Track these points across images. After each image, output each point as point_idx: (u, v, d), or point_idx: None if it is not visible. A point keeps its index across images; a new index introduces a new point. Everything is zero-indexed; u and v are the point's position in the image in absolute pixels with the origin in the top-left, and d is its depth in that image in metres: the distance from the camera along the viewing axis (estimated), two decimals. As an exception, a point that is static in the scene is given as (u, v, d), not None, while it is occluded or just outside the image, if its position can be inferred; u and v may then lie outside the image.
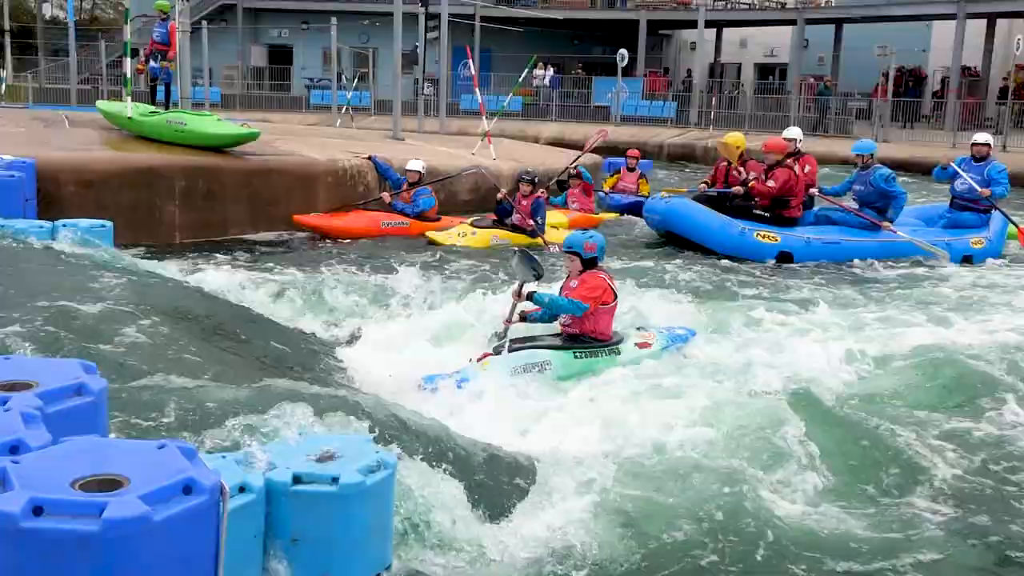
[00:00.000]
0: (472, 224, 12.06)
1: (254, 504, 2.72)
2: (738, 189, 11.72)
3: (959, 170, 12.02)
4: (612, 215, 14.42)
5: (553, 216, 12.76)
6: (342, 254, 10.70)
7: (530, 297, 6.36)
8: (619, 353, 6.53)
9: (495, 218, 12.09)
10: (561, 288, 6.67)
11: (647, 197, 14.60)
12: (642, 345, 6.65)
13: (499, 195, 12.11)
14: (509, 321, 6.44)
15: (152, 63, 14.47)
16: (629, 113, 32.55)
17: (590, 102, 34.36)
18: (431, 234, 11.85)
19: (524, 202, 11.83)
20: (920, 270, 11.04)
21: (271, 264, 9.82)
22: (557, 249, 11.21)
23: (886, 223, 11.39)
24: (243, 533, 2.65)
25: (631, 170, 15.53)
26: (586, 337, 6.49)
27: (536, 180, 12.14)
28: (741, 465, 4.83)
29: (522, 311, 6.58)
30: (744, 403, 5.71)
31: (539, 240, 11.41)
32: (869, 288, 10.05)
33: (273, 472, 2.83)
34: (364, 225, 11.98)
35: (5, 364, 2.88)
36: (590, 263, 6.55)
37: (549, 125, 31.66)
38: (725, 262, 10.96)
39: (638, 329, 6.97)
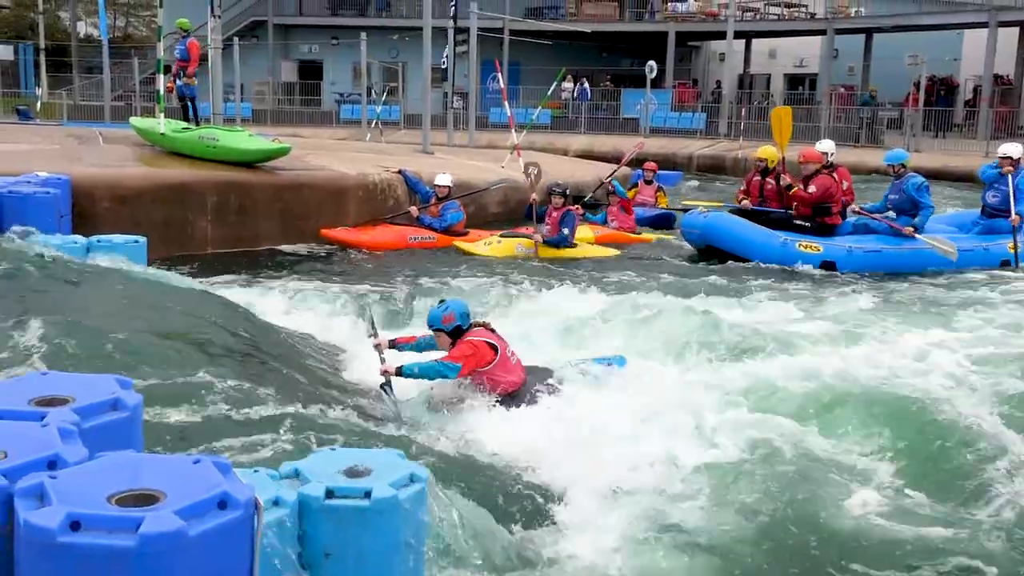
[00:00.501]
0: (501, 235, 12.08)
1: (287, 519, 2.74)
2: (795, 213, 11.74)
3: (1011, 184, 11.89)
4: (657, 236, 13.73)
5: (582, 231, 12.59)
6: (372, 267, 10.76)
7: (399, 372, 5.89)
8: None
9: (529, 230, 12.00)
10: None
11: (666, 209, 14.47)
12: None
13: (531, 198, 12.17)
14: (386, 371, 5.96)
15: (178, 81, 14.67)
16: (658, 125, 32.50)
17: (619, 114, 34.37)
18: (459, 243, 11.98)
19: (555, 214, 11.83)
20: (977, 276, 11.04)
21: (302, 279, 9.88)
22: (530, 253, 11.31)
23: (908, 229, 11.39)
24: (276, 547, 2.66)
25: (648, 183, 15.25)
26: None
27: (568, 192, 12.08)
28: (791, 471, 4.80)
29: (391, 341, 6.31)
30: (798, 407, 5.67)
31: (532, 244, 11.59)
32: (934, 295, 10.05)
33: (306, 487, 2.85)
34: (391, 239, 12.04)
35: (42, 380, 2.91)
36: (456, 332, 6.05)
37: (578, 137, 31.66)
38: (772, 272, 11.00)
39: (571, 364, 6.48)
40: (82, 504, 2.10)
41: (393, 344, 6.26)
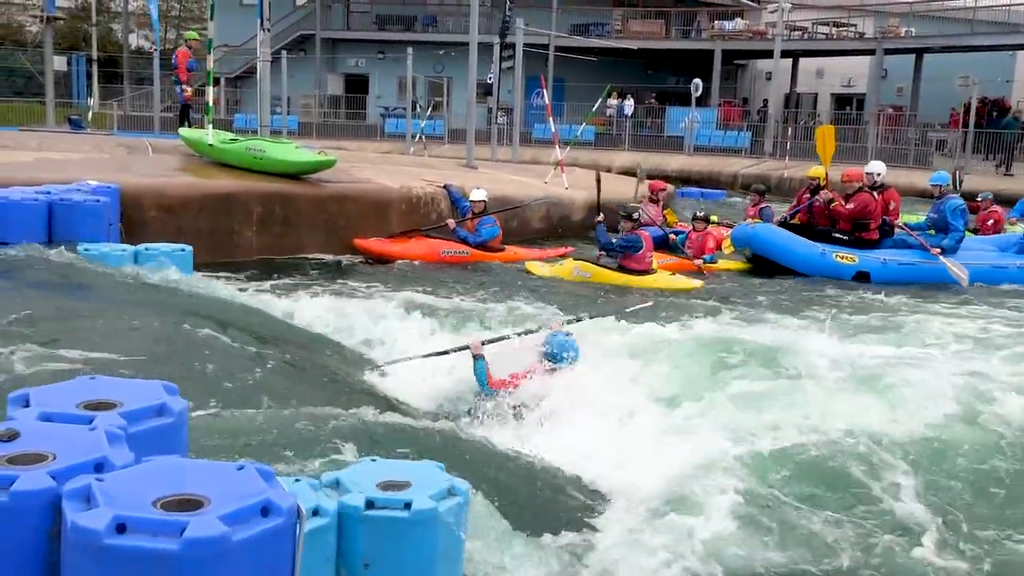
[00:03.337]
0: (574, 259, 11.79)
1: (327, 528, 2.75)
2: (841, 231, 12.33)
3: None
4: (733, 266, 12.99)
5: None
6: (415, 280, 10.78)
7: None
8: None
9: (602, 252, 11.54)
10: None
11: (673, 228, 13.79)
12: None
13: (597, 219, 11.73)
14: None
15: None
16: (703, 143, 32.40)
17: (663, 132, 34.30)
18: (530, 264, 11.83)
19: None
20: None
21: (345, 290, 9.93)
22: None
23: (935, 250, 11.96)
24: (316, 556, 2.67)
25: (654, 201, 14.32)
26: None
27: (636, 216, 11.45)
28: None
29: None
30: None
31: (588, 267, 11.24)
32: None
33: (346, 496, 2.86)
34: (423, 252, 12.01)
35: (90, 384, 2.95)
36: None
37: (622, 154, 31.64)
38: (807, 281, 11.66)
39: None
40: (128, 507, 2.13)
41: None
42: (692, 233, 13.02)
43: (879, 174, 12.58)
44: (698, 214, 13.40)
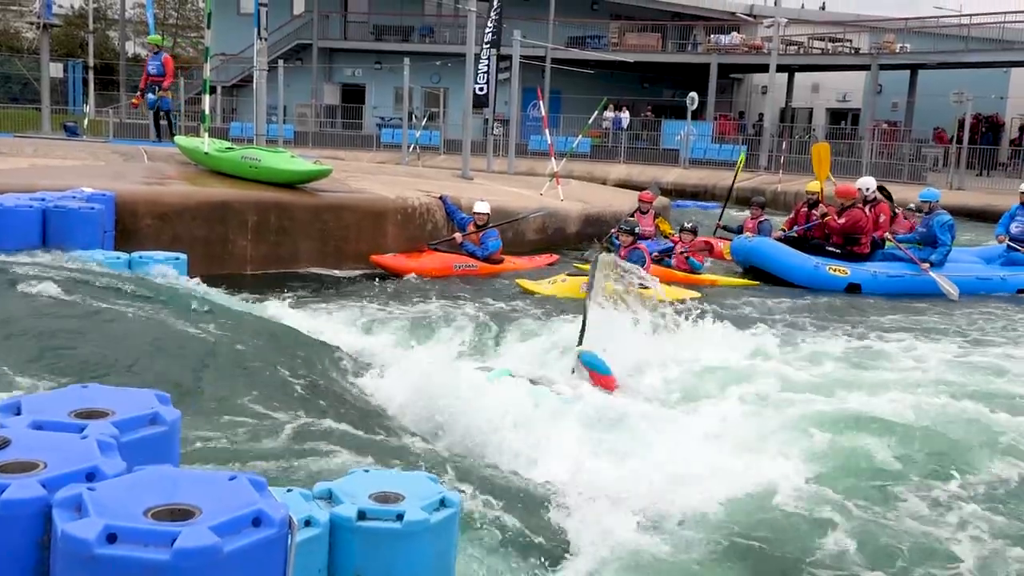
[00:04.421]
0: (568, 274, 11.52)
1: (319, 538, 2.74)
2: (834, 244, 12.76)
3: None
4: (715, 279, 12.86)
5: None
6: (411, 292, 10.77)
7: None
8: None
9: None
10: None
11: (667, 238, 13.81)
12: None
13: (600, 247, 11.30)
14: None
15: (150, 95, 15.48)
16: (698, 156, 32.48)
17: (659, 144, 34.37)
18: (522, 281, 11.48)
19: (623, 252, 11.34)
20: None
21: (340, 299, 9.92)
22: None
23: (924, 265, 12.33)
24: (307, 567, 2.66)
25: (644, 213, 14.10)
26: None
27: (636, 230, 11.38)
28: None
29: None
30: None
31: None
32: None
33: (338, 507, 2.85)
34: (437, 267, 12.01)
35: (82, 392, 2.94)
36: None
37: (617, 167, 31.70)
38: (800, 292, 11.99)
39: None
40: (119, 517, 2.12)
41: None
42: (679, 244, 12.92)
43: (868, 189, 13.04)
44: (686, 225, 13.21)
